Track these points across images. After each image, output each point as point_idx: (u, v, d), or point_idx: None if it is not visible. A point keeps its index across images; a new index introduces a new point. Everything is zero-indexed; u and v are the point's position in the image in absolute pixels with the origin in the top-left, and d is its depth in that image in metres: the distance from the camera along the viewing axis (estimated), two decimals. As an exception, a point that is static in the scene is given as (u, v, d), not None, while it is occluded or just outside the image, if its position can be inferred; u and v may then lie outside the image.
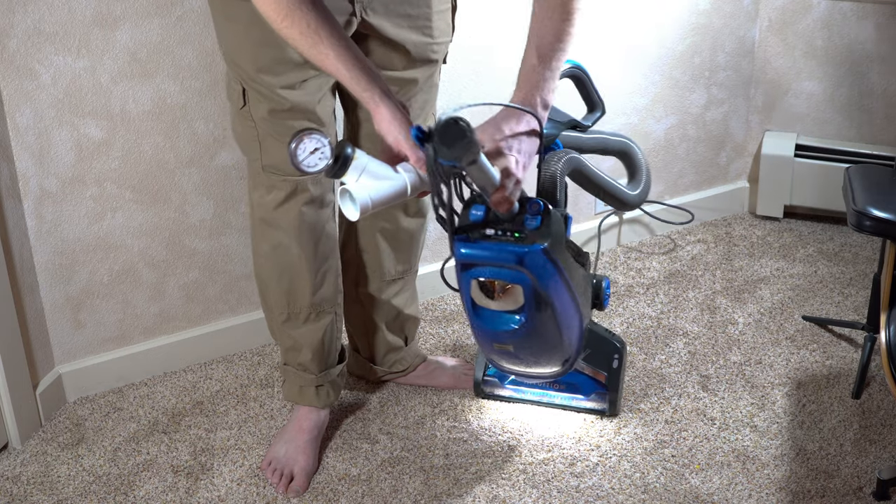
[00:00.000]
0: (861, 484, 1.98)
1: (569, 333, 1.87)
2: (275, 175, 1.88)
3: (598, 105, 2.14)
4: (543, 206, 1.74)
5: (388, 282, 2.15)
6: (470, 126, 1.42)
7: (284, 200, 1.90)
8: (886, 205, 1.97)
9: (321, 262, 1.98)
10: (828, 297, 2.66)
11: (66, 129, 2.13)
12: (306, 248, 1.95)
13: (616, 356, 2.15)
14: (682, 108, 2.96)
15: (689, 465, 2.06)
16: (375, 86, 1.59)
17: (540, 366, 1.96)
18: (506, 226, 1.73)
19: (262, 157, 1.88)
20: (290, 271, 1.97)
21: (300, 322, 2.01)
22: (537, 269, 1.72)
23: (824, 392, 2.27)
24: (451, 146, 1.42)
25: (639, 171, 2.19)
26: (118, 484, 2.04)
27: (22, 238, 2.14)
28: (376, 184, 1.56)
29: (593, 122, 2.11)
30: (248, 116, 1.86)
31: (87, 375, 2.32)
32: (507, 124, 1.65)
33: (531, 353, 1.90)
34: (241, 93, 1.84)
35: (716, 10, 2.89)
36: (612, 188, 2.09)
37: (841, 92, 2.98)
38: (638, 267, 2.86)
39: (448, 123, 1.42)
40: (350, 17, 1.78)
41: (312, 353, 2.04)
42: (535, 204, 1.74)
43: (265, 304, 2.08)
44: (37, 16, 2.02)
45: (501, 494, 1.99)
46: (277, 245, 1.95)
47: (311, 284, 1.98)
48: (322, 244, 1.97)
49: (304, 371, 2.06)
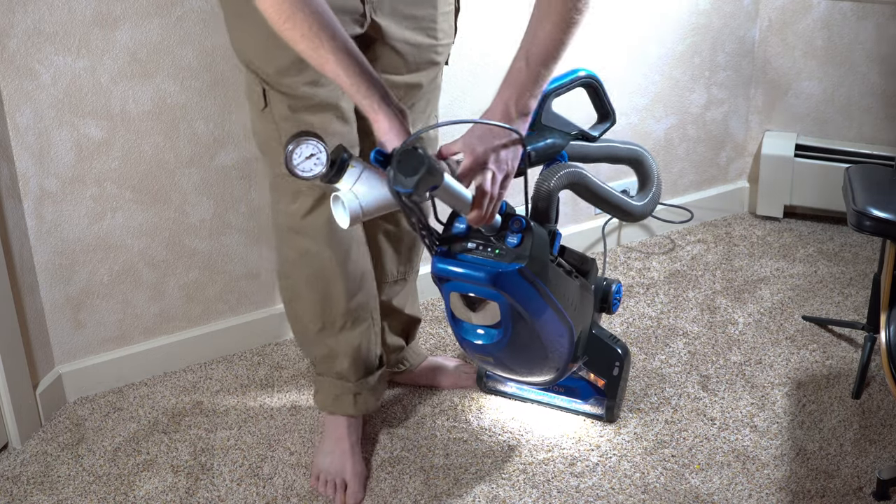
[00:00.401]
0: (861, 484, 1.98)
1: (555, 346, 1.87)
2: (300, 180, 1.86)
3: (609, 115, 2.09)
4: (525, 224, 1.72)
5: (390, 283, 2.15)
6: (428, 156, 1.40)
7: (312, 207, 1.85)
8: (886, 205, 1.97)
9: (356, 267, 1.93)
10: (828, 297, 2.66)
11: (66, 129, 2.13)
12: (338, 253, 1.90)
13: (617, 364, 2.14)
14: (682, 108, 2.96)
15: (689, 465, 2.06)
16: (375, 92, 1.57)
17: (529, 375, 1.96)
18: (488, 241, 1.72)
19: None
20: (322, 279, 1.92)
21: (336, 330, 1.97)
22: (512, 290, 1.71)
23: (824, 392, 2.27)
24: (407, 175, 1.41)
25: (650, 180, 2.14)
26: (118, 484, 2.04)
27: (22, 238, 2.14)
28: (370, 192, 1.54)
29: (602, 132, 2.07)
30: (270, 118, 1.81)
31: (87, 375, 2.32)
32: (483, 138, 1.63)
33: (515, 365, 1.90)
34: (261, 93, 1.80)
35: (716, 10, 2.90)
36: (617, 200, 2.06)
37: (841, 92, 2.98)
38: (638, 267, 2.86)
39: (406, 152, 1.41)
40: (360, 17, 1.77)
41: (350, 361, 1.99)
42: (517, 221, 1.72)
43: (293, 315, 2.02)
44: (37, 16, 2.02)
45: (501, 494, 1.99)
46: (305, 252, 1.90)
47: (345, 291, 1.93)
48: (355, 249, 1.93)
49: (340, 379, 2.02)
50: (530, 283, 1.72)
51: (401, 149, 1.42)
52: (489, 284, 1.68)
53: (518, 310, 1.74)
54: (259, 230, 2.41)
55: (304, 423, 2.21)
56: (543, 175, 1.89)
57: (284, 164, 1.54)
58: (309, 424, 2.20)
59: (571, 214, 2.88)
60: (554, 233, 1.83)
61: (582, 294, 1.95)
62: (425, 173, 1.40)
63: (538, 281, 1.73)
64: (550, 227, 1.83)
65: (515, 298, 1.72)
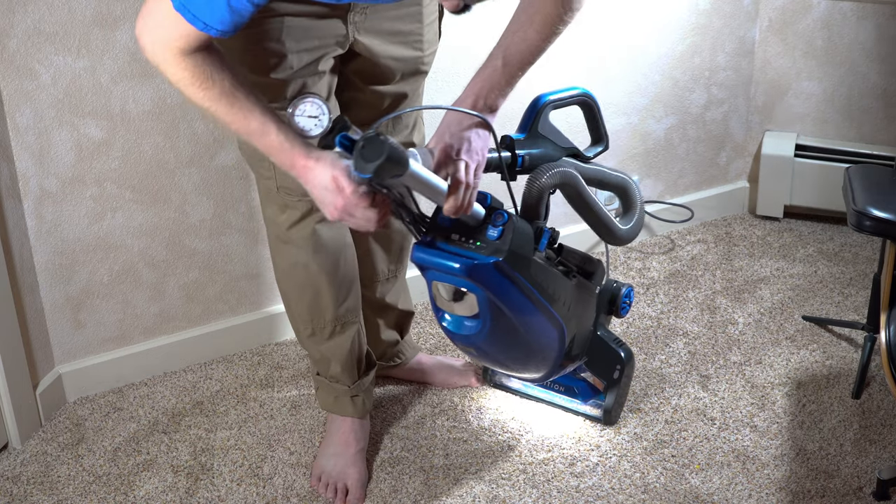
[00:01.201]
0: (861, 484, 1.98)
1: (541, 343, 1.86)
2: (289, 196, 1.83)
3: (602, 139, 2.07)
4: (507, 218, 1.72)
5: (382, 281, 2.16)
6: (391, 143, 1.42)
7: (299, 220, 1.86)
8: (886, 205, 1.97)
9: (344, 277, 1.94)
10: (828, 297, 2.66)
11: (66, 129, 2.13)
12: (326, 265, 1.90)
13: (618, 367, 2.13)
14: (682, 108, 2.96)
15: (689, 465, 2.06)
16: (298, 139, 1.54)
17: (519, 369, 1.96)
18: (470, 232, 1.73)
19: (276, 178, 1.82)
20: (310, 288, 1.93)
21: (325, 337, 1.98)
22: (487, 282, 1.71)
23: (824, 392, 2.27)
24: (368, 161, 1.42)
25: (633, 208, 2.12)
26: (118, 484, 2.04)
27: (22, 238, 2.14)
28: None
29: (595, 154, 2.05)
30: None
31: (87, 375, 2.32)
32: (451, 127, 1.65)
33: (500, 357, 1.90)
34: None
35: (716, 10, 2.90)
36: (603, 216, 2.03)
37: (841, 92, 2.98)
38: (638, 267, 2.86)
39: (370, 139, 1.43)
40: (343, 38, 1.74)
41: (342, 365, 2.01)
42: (499, 215, 1.73)
43: (290, 318, 2.04)
44: (37, 16, 2.02)
45: (501, 494, 1.99)
46: (294, 263, 1.91)
47: (334, 300, 1.94)
48: (344, 260, 1.93)
49: (336, 382, 2.04)
50: (506, 278, 1.72)
51: (365, 135, 1.43)
52: (464, 276, 1.69)
53: (495, 303, 1.75)
54: (259, 230, 2.40)
55: (304, 423, 2.21)
56: (536, 172, 1.89)
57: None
58: (309, 424, 2.20)
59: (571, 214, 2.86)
60: (541, 229, 1.82)
61: (579, 294, 1.94)
62: (385, 160, 1.42)
63: (518, 275, 1.73)
64: (539, 224, 1.83)
65: (492, 291, 1.73)
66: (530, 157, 1.90)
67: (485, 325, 1.77)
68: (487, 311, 1.75)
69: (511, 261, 1.71)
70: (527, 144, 1.90)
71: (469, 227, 1.73)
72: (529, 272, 1.77)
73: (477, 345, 1.83)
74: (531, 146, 1.90)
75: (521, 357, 1.90)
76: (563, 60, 2.61)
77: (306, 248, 1.88)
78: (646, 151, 2.95)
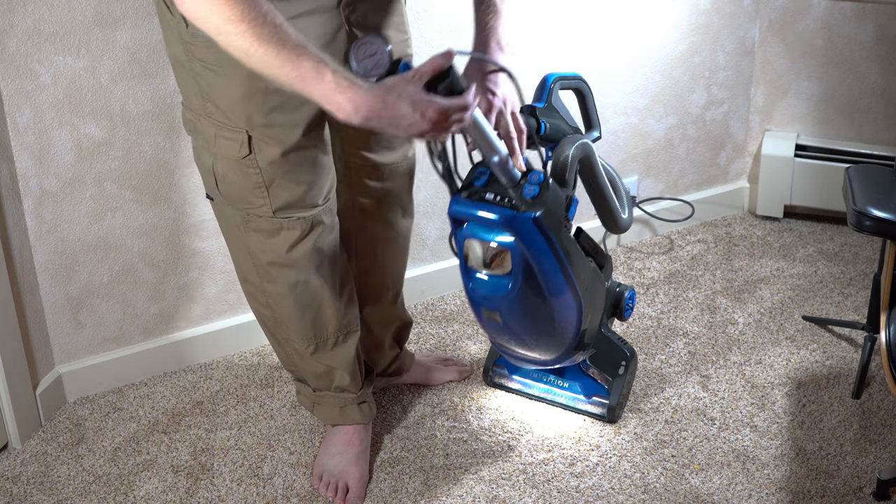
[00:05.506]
0: (861, 484, 1.98)
1: (562, 316, 1.87)
2: (287, 218, 1.78)
3: (595, 125, 2.09)
4: (543, 178, 1.76)
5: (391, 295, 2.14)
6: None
7: (300, 238, 1.80)
8: (886, 205, 1.97)
9: (343, 287, 1.93)
10: (828, 297, 2.66)
11: (66, 129, 2.13)
12: (327, 277, 1.87)
13: (623, 363, 2.14)
14: (682, 108, 2.96)
15: (689, 465, 2.06)
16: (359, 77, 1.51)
17: (534, 347, 1.96)
18: (506, 192, 1.76)
19: (271, 203, 1.75)
20: (314, 305, 1.89)
21: (329, 348, 1.95)
22: (525, 236, 1.75)
23: (824, 392, 2.27)
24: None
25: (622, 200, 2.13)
26: (118, 484, 2.04)
27: (22, 238, 2.14)
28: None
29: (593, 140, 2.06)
30: (253, 164, 1.72)
31: (87, 375, 2.32)
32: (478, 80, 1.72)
33: (520, 329, 1.90)
34: (244, 141, 1.70)
35: (716, 10, 2.89)
36: (609, 199, 2.04)
37: (841, 92, 2.98)
38: (638, 267, 2.86)
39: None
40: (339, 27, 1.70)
41: (349, 373, 1.98)
42: (535, 174, 1.77)
43: (276, 340, 1.99)
44: (37, 16, 2.02)
45: (501, 494, 1.99)
46: (294, 283, 1.86)
47: (337, 311, 1.92)
48: (339, 268, 1.91)
49: (342, 392, 2.01)
50: (543, 234, 1.75)
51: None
52: (504, 227, 1.72)
53: (529, 262, 1.76)
54: (259, 230, 2.40)
55: (304, 423, 2.21)
56: (563, 142, 1.91)
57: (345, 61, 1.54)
58: (309, 424, 2.20)
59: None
60: (570, 197, 1.84)
61: (593, 281, 1.96)
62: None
63: (551, 235, 1.77)
64: (567, 192, 1.85)
65: (528, 247, 1.75)
66: (550, 127, 1.94)
67: (515, 284, 1.79)
68: (520, 269, 1.78)
69: (547, 219, 1.75)
70: (545, 114, 1.95)
71: (503, 189, 1.77)
72: (560, 236, 1.80)
73: (502, 308, 1.84)
74: (549, 116, 1.95)
75: (539, 332, 1.90)
76: (563, 60, 2.61)
77: (308, 266, 1.84)
78: (646, 151, 2.95)
